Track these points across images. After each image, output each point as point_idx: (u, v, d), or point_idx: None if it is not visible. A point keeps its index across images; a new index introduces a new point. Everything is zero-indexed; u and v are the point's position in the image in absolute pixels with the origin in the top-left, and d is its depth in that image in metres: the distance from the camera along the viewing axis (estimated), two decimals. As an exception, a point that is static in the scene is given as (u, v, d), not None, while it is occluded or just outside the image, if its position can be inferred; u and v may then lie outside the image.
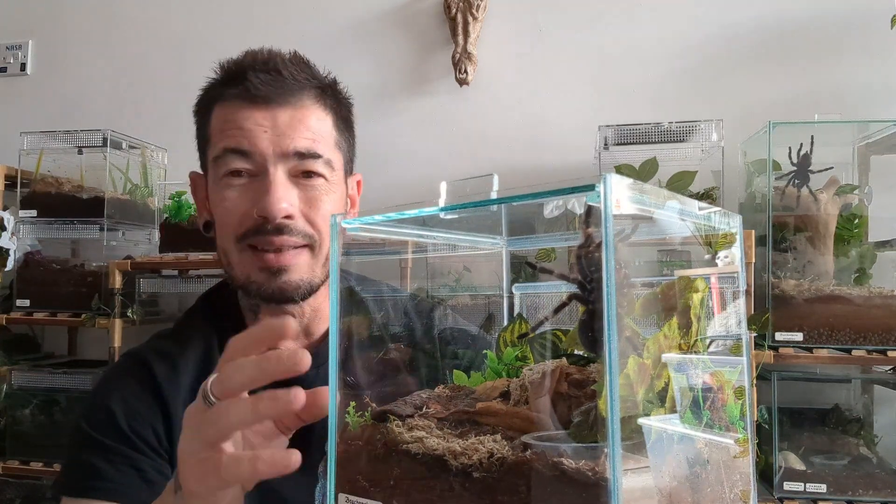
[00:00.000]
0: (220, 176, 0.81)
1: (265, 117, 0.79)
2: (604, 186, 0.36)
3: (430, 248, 0.62)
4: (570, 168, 1.95)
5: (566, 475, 0.36)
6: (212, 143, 0.83)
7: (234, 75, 0.82)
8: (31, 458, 1.84)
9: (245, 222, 0.80)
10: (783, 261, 1.53)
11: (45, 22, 2.41)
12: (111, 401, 0.82)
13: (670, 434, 0.40)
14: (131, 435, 0.79)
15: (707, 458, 0.42)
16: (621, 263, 0.43)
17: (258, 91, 0.79)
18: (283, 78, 0.81)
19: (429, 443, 0.42)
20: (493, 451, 0.40)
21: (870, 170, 1.67)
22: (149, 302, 1.96)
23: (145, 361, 0.85)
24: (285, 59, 0.84)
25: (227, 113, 0.81)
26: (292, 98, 0.81)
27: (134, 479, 0.78)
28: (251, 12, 2.23)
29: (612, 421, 0.34)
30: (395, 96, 2.12)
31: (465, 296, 0.80)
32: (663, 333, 0.42)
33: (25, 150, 1.95)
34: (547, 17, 2.03)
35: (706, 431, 0.43)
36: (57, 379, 1.86)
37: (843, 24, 1.85)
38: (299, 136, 0.80)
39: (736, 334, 0.49)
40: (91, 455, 0.79)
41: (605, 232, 0.35)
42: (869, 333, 1.46)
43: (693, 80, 1.93)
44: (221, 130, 0.81)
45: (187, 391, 0.82)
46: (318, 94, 0.85)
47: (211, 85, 0.87)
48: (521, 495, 0.37)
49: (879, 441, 1.60)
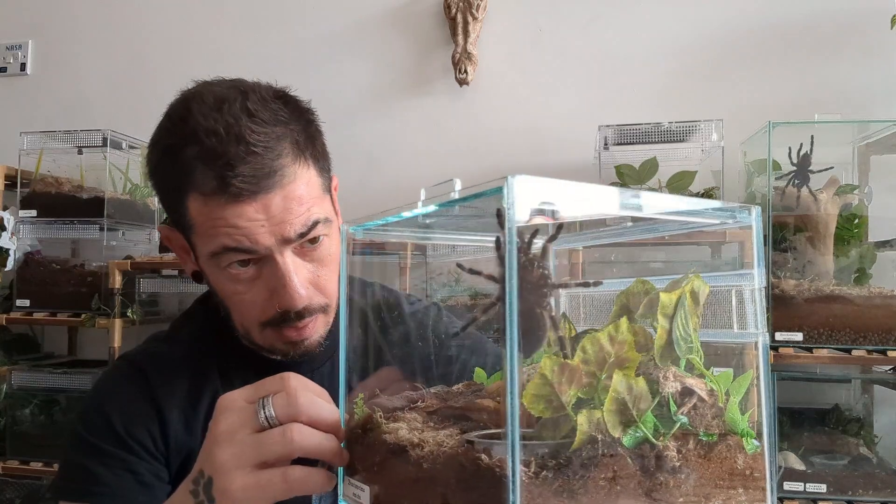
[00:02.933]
0: (221, 267, 0.76)
1: (257, 210, 0.72)
2: (507, 189, 0.37)
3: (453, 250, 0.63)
4: (570, 168, 1.95)
5: (480, 470, 0.38)
6: (198, 231, 0.76)
7: (201, 160, 0.72)
8: (31, 458, 1.84)
9: (267, 312, 0.77)
10: (783, 261, 1.54)
11: (45, 22, 2.41)
12: (107, 405, 0.82)
13: (609, 438, 0.39)
14: (127, 439, 0.79)
15: (676, 466, 0.41)
16: (536, 263, 0.44)
17: (243, 190, 0.71)
18: (261, 159, 0.72)
19: (400, 434, 0.46)
20: (441, 444, 0.42)
21: (870, 170, 1.67)
22: (149, 302, 1.96)
23: (140, 366, 0.85)
24: (249, 123, 0.73)
25: (212, 210, 0.72)
26: (277, 178, 0.73)
27: (130, 482, 0.78)
28: (251, 12, 2.23)
29: (511, 416, 0.36)
30: (395, 96, 2.12)
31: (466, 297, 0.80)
32: (606, 333, 0.41)
33: (25, 150, 1.95)
34: (547, 17, 2.03)
35: (679, 438, 0.42)
36: (57, 379, 1.86)
37: (843, 24, 1.85)
38: (296, 218, 0.74)
39: (745, 336, 0.48)
40: (88, 459, 0.79)
41: (508, 233, 0.37)
42: (869, 333, 1.46)
43: (693, 80, 1.93)
44: (210, 226, 0.73)
45: (182, 395, 0.82)
46: (294, 149, 0.76)
47: (171, 151, 0.76)
48: (451, 486, 0.41)
49: (879, 441, 1.60)
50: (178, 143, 0.74)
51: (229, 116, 0.72)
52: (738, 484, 0.44)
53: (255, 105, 0.74)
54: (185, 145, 0.73)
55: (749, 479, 0.44)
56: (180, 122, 0.75)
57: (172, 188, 0.77)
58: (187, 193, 0.74)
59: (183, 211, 0.76)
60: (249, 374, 0.82)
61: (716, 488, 0.43)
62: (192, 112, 0.74)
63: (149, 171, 0.81)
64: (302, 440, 0.51)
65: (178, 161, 0.74)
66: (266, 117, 0.74)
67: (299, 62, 2.17)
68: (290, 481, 0.52)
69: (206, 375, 0.83)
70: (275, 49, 2.19)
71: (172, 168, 0.75)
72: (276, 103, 0.77)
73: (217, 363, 0.84)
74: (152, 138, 0.79)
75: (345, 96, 2.14)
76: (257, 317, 0.78)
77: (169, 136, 0.77)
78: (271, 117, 0.75)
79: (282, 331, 0.78)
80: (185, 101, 0.76)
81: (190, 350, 0.86)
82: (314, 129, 0.82)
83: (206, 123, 0.72)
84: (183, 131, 0.74)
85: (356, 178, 2.04)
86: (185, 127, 0.74)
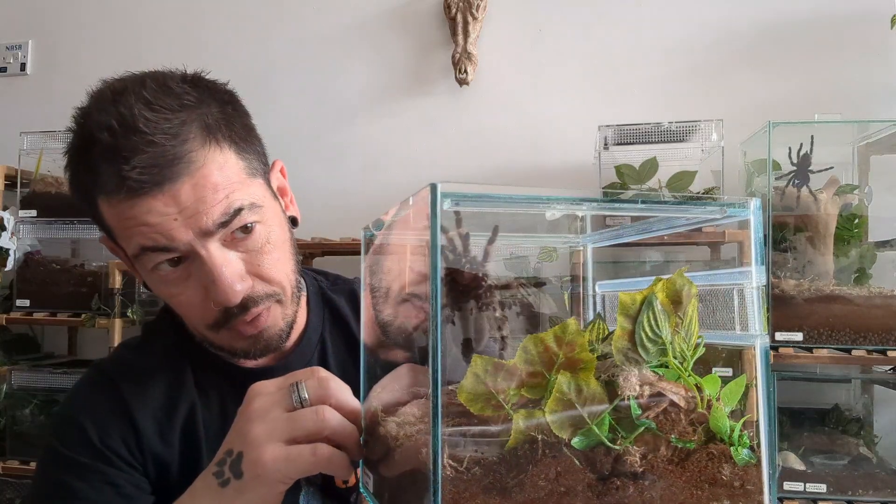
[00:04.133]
0: (148, 269, 0.71)
1: (166, 203, 0.66)
2: (431, 194, 0.39)
3: None
4: (570, 168, 1.95)
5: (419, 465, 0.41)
6: (116, 234, 0.71)
7: (102, 159, 0.67)
8: (31, 458, 1.85)
9: (207, 314, 0.72)
10: (783, 261, 1.54)
11: (45, 22, 2.40)
12: (80, 416, 0.79)
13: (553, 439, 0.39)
14: (104, 450, 0.76)
15: (638, 472, 0.40)
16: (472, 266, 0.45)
17: (143, 184, 0.65)
18: (161, 147, 0.66)
19: (388, 428, 0.48)
20: (409, 438, 0.45)
21: (870, 170, 1.67)
22: (149, 302, 1.96)
23: (111, 375, 0.82)
24: (145, 111, 0.67)
25: (120, 211, 0.68)
26: (182, 165, 0.67)
27: (111, 496, 0.75)
28: (250, 12, 2.23)
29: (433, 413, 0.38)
30: (395, 96, 2.12)
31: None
32: (552, 334, 0.40)
33: (25, 150, 1.95)
34: (547, 17, 2.03)
35: (648, 443, 0.41)
36: (57, 379, 1.86)
37: (842, 24, 1.85)
38: (212, 207, 0.68)
39: (744, 337, 0.47)
40: (65, 474, 0.76)
41: (431, 236, 0.39)
42: (869, 333, 1.46)
43: (693, 80, 1.93)
44: (124, 227, 0.69)
45: (156, 405, 0.79)
46: (203, 133, 0.70)
47: (75, 155, 0.72)
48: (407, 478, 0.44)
49: (879, 441, 1.61)
50: (79, 145, 0.71)
51: (123, 108, 0.67)
52: (724, 495, 0.41)
53: (153, 92, 0.69)
54: (86, 147, 0.69)
55: (738, 491, 0.41)
56: (81, 124, 0.71)
57: (83, 195, 0.72)
58: (96, 198, 0.70)
59: (99, 217, 0.71)
60: (224, 385, 0.81)
61: (692, 498, 0.41)
62: (91, 110, 0.70)
63: (68, 179, 0.76)
64: (333, 420, 0.55)
65: (82, 165, 0.70)
66: (166, 104, 0.69)
67: (299, 62, 2.17)
68: (319, 456, 0.55)
69: (180, 386, 0.81)
70: (275, 49, 2.19)
71: (77, 173, 0.72)
72: (182, 87, 0.72)
73: (192, 373, 0.82)
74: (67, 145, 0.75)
75: (345, 96, 2.14)
76: (201, 319, 0.74)
77: (73, 137, 0.73)
78: (173, 103, 0.69)
79: (234, 327, 0.74)
80: (89, 98, 0.73)
81: (163, 359, 0.82)
82: (231, 110, 0.75)
83: (100, 119, 0.68)
84: (82, 132, 0.70)
85: (356, 178, 2.04)
86: (84, 127, 0.70)
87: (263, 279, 0.73)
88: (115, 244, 0.75)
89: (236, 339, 0.75)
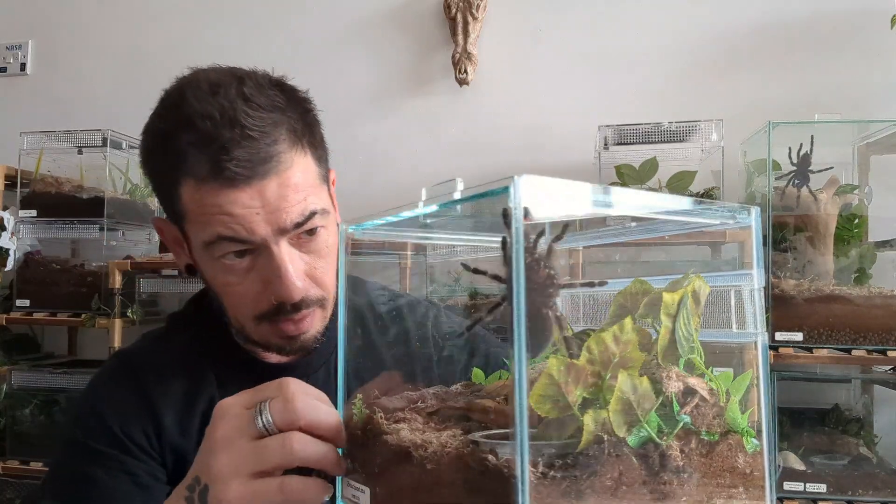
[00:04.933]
0: (215, 258, 0.74)
1: (252, 196, 0.70)
2: (513, 189, 0.37)
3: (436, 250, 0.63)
4: (570, 168, 1.95)
5: (488, 470, 0.37)
6: (191, 219, 0.74)
7: (195, 145, 0.71)
8: (31, 458, 1.85)
9: (260, 305, 0.75)
10: (783, 261, 1.54)
11: (45, 22, 2.41)
12: (101, 405, 0.81)
13: (614, 438, 0.39)
14: (124, 438, 0.78)
15: (680, 465, 0.41)
16: (543, 263, 0.43)
17: (238, 174, 0.69)
18: (257, 143, 0.70)
19: (403, 434, 0.45)
20: (444, 445, 0.42)
21: (870, 170, 1.67)
22: (149, 302, 1.96)
23: (134, 365, 0.84)
24: (244, 107, 0.71)
25: (206, 195, 0.71)
26: (273, 164, 0.71)
27: (127, 485, 0.77)
28: (250, 12, 2.23)
29: (519, 416, 0.35)
30: (395, 96, 2.12)
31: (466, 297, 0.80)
32: (611, 333, 0.41)
33: (25, 150, 1.95)
34: (547, 18, 2.03)
35: (682, 437, 0.42)
36: (57, 379, 1.86)
37: (843, 24, 1.85)
38: (292, 206, 0.72)
39: (745, 336, 0.48)
40: (84, 462, 0.78)
41: (515, 232, 0.37)
42: (869, 333, 1.46)
43: (693, 80, 1.93)
44: (204, 213, 0.72)
45: (177, 397, 0.81)
46: (291, 136, 0.74)
47: (165, 136, 0.74)
48: (457, 487, 0.40)
49: (879, 441, 1.60)
50: (171, 129, 0.73)
51: (224, 100, 0.71)
52: (739, 482, 0.44)
53: (251, 90, 0.73)
54: (179, 130, 0.72)
55: (749, 477, 0.44)
56: (174, 108, 0.74)
57: (165, 175, 0.75)
58: (180, 180, 0.73)
59: (176, 198, 0.74)
60: (245, 379, 0.82)
61: (717, 487, 0.43)
62: (187, 97, 0.72)
63: (142, 159, 0.80)
64: (301, 449, 0.50)
65: (172, 146, 0.73)
66: (262, 102, 0.73)
67: (299, 62, 2.17)
68: (287, 492, 0.50)
69: (201, 378, 0.82)
70: (275, 49, 2.19)
71: (165, 154, 0.74)
72: (273, 90, 0.76)
73: (213, 367, 0.83)
74: (146, 125, 0.78)
75: (345, 96, 2.14)
76: (251, 310, 0.76)
77: (162, 121, 0.75)
78: (267, 103, 0.74)
79: (278, 324, 0.76)
80: (180, 87, 0.75)
81: (186, 352, 0.84)
82: (311, 117, 0.81)
83: (200, 108, 0.71)
84: (177, 116, 0.72)
85: (356, 178, 2.04)
86: (179, 112, 0.72)
87: (316, 283, 0.77)
88: (177, 225, 0.78)
89: (275, 335, 0.77)
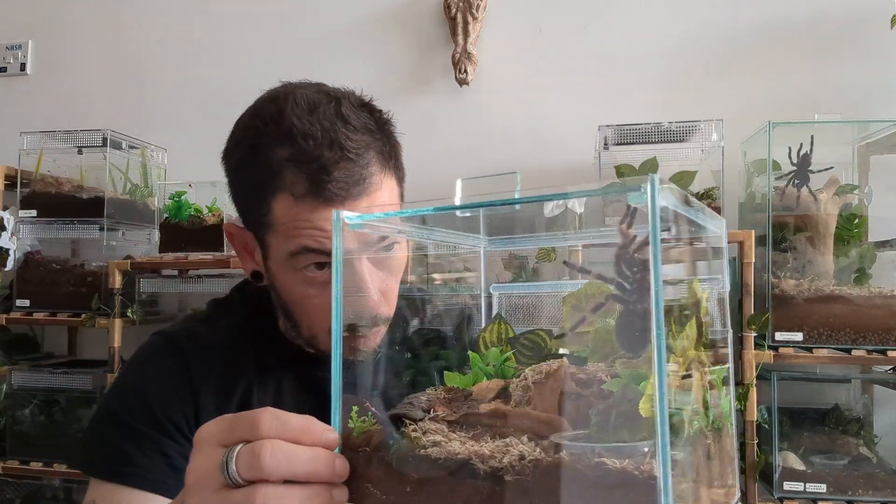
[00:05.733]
0: (297, 269, 0.77)
1: None
2: (650, 187, 0.36)
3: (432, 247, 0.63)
4: (570, 168, 1.95)
5: (610, 475, 0.35)
6: (278, 231, 0.76)
7: (294, 162, 0.73)
8: (31, 458, 1.84)
9: None
10: (783, 261, 1.53)
11: (45, 22, 2.40)
12: (143, 383, 0.81)
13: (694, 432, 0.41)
14: (162, 418, 0.78)
15: (712, 454, 0.43)
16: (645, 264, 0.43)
17: (336, 195, 0.73)
18: (354, 165, 0.74)
19: (450, 447, 0.41)
20: (523, 454, 0.39)
21: (870, 170, 1.67)
22: (149, 302, 1.96)
23: (179, 344, 0.84)
24: (343, 129, 0.74)
25: (300, 210, 0.74)
26: (365, 185, 0.75)
27: (161, 465, 0.77)
28: (250, 12, 2.23)
29: (661, 421, 0.34)
30: (395, 96, 2.12)
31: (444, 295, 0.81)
32: (685, 334, 0.41)
33: (25, 150, 1.95)
34: (547, 18, 2.03)
35: (712, 430, 0.44)
36: (57, 379, 1.86)
37: (842, 24, 1.85)
38: None
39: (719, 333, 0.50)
40: (120, 438, 0.78)
41: (653, 231, 0.36)
42: (869, 333, 1.46)
43: (693, 80, 1.93)
44: (295, 227, 0.74)
45: (217, 381, 0.81)
46: (380, 158, 0.78)
47: (260, 150, 0.76)
48: (561, 497, 0.37)
49: (879, 441, 1.60)
50: (268, 143, 0.75)
51: (325, 120, 0.74)
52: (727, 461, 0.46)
53: (348, 111, 0.76)
54: (277, 145, 0.74)
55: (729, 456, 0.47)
56: (272, 123, 0.75)
57: (256, 187, 0.77)
58: (275, 193, 0.75)
59: (265, 210, 0.76)
60: (282, 367, 0.84)
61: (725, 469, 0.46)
62: (286, 113, 0.74)
63: (228, 167, 0.81)
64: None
65: (267, 161, 0.75)
66: (357, 124, 0.76)
67: (299, 62, 2.17)
68: None
69: (241, 364, 0.83)
70: (275, 49, 2.19)
71: (259, 167, 0.76)
72: (363, 111, 0.79)
73: (254, 355, 0.84)
74: (234, 136, 0.80)
75: (345, 96, 2.13)
76: (327, 322, 0.77)
77: (258, 135, 0.77)
78: (362, 125, 0.77)
79: (350, 340, 0.77)
80: (275, 101, 0.77)
81: (228, 337, 0.85)
82: (395, 140, 0.85)
83: (301, 125, 0.73)
84: (276, 132, 0.74)
85: (356, 178, 2.04)
86: (278, 128, 0.74)
87: (387, 301, 0.78)
88: (255, 234, 0.80)
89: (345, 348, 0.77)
